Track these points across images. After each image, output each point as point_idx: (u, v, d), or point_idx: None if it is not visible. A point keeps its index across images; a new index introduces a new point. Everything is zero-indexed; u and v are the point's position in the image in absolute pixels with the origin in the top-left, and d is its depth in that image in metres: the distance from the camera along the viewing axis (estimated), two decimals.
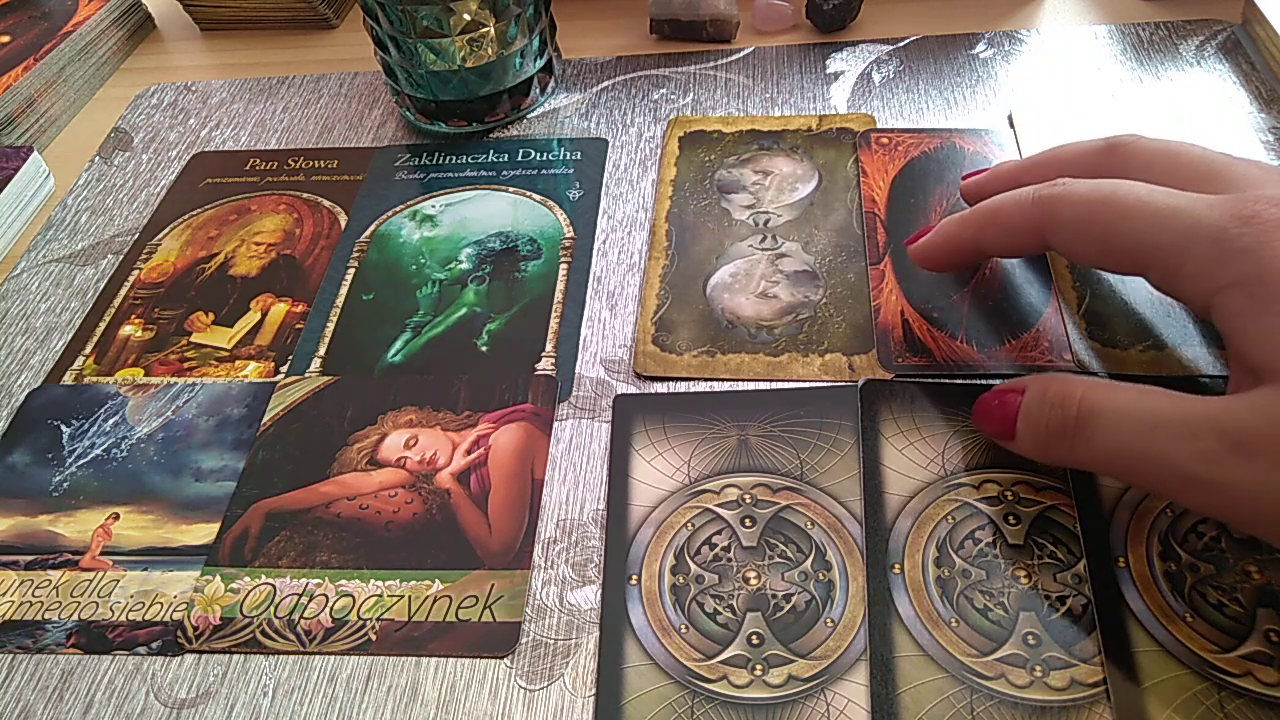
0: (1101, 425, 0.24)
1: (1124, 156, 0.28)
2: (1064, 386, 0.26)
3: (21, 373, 0.38)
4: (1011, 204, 0.28)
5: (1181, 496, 0.24)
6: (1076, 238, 0.27)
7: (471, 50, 0.41)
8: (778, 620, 0.27)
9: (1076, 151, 0.30)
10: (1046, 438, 0.26)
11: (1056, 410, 0.25)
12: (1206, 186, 0.25)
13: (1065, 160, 0.30)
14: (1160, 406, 0.23)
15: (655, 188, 0.41)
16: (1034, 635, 0.26)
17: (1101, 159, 0.29)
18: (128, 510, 0.32)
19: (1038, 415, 0.26)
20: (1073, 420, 0.25)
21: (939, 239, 0.31)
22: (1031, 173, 0.31)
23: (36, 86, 0.50)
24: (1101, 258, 0.27)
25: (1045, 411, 0.26)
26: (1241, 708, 0.24)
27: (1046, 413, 0.26)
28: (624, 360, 0.35)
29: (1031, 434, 0.26)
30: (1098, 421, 0.24)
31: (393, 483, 0.32)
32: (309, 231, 0.42)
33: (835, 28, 0.48)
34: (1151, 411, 0.23)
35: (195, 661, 0.29)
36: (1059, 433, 0.25)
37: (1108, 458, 0.24)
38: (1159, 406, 0.23)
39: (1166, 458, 0.23)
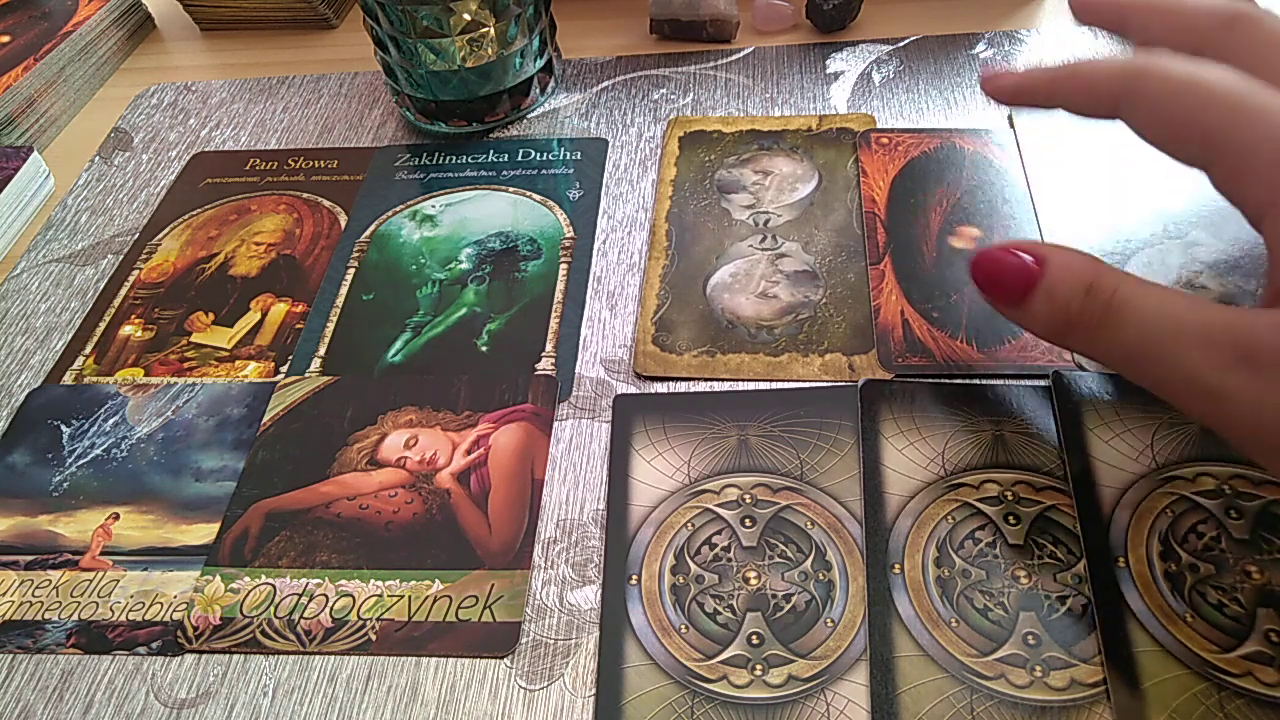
0: (1129, 320, 0.24)
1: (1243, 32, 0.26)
2: (1098, 274, 0.24)
3: (21, 373, 0.38)
4: (1101, 66, 0.27)
5: (1185, 402, 0.23)
6: (1152, 117, 0.25)
7: (471, 50, 0.41)
8: (778, 620, 0.27)
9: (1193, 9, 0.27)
10: (1067, 322, 0.25)
11: (1088, 298, 0.24)
12: None
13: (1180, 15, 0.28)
14: (1185, 309, 0.23)
15: (655, 188, 0.41)
16: (1034, 635, 0.26)
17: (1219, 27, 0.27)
18: (128, 510, 0.32)
19: (1066, 297, 0.25)
20: (1100, 311, 0.24)
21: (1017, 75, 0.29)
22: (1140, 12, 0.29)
23: (36, 86, 0.50)
24: (1170, 142, 0.25)
25: (1075, 296, 0.25)
26: (1241, 708, 0.24)
27: (1077, 298, 0.25)
28: (624, 360, 0.35)
29: (1050, 313, 0.25)
30: (1126, 316, 0.24)
31: (393, 483, 0.32)
32: (309, 231, 0.42)
33: (835, 28, 0.48)
34: (1177, 314, 0.23)
35: (195, 661, 0.29)
36: (1082, 321, 0.25)
37: (1124, 353, 0.24)
38: (1184, 309, 0.23)
39: (1182, 362, 0.23)
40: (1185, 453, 0.29)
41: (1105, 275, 0.25)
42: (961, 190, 0.38)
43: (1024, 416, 0.31)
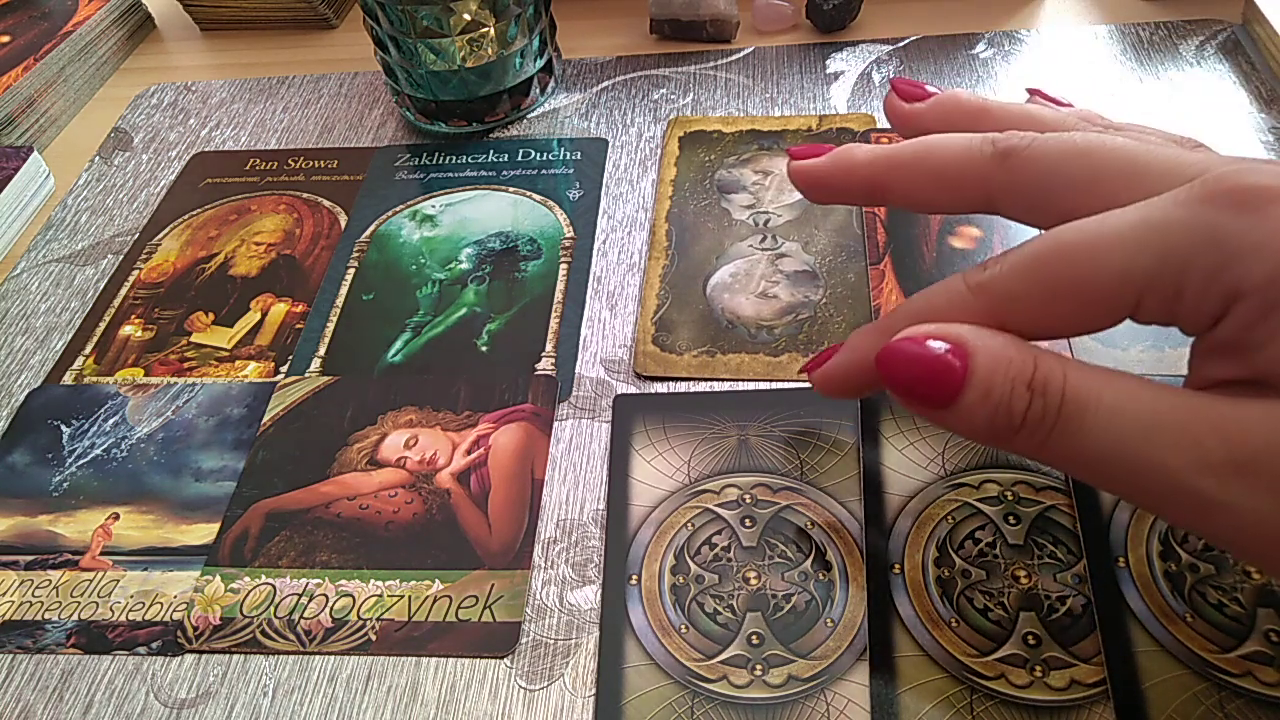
0: (1089, 423, 0.19)
1: (1021, 166, 0.23)
2: (1037, 363, 0.20)
3: (21, 373, 0.38)
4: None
5: (1171, 512, 0.20)
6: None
7: (471, 50, 0.41)
8: (778, 620, 0.27)
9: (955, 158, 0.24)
10: (1010, 426, 0.20)
11: (1034, 397, 0.20)
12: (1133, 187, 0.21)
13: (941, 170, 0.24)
14: (1157, 404, 0.19)
15: (655, 188, 0.41)
16: (1034, 635, 0.26)
17: (993, 171, 0.23)
18: (128, 510, 0.32)
19: (1003, 397, 0.20)
20: (1054, 412, 0.20)
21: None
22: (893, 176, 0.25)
23: (36, 86, 0.50)
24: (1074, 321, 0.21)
25: (1016, 394, 0.20)
26: (1241, 708, 0.24)
27: (1020, 397, 0.20)
28: (624, 360, 0.35)
29: (988, 417, 0.20)
30: (1085, 418, 0.19)
31: (393, 483, 0.32)
32: (309, 231, 0.42)
33: (835, 28, 0.48)
34: (1149, 411, 0.19)
35: (195, 661, 0.29)
36: (1034, 424, 0.20)
37: (1090, 460, 0.20)
38: (1156, 404, 0.19)
39: (1163, 468, 0.19)
40: None
41: (1046, 364, 0.20)
42: None
43: None
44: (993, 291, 0.21)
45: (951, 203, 0.24)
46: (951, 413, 0.21)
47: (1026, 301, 0.21)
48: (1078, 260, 0.20)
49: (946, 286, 0.22)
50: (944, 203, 0.24)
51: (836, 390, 0.25)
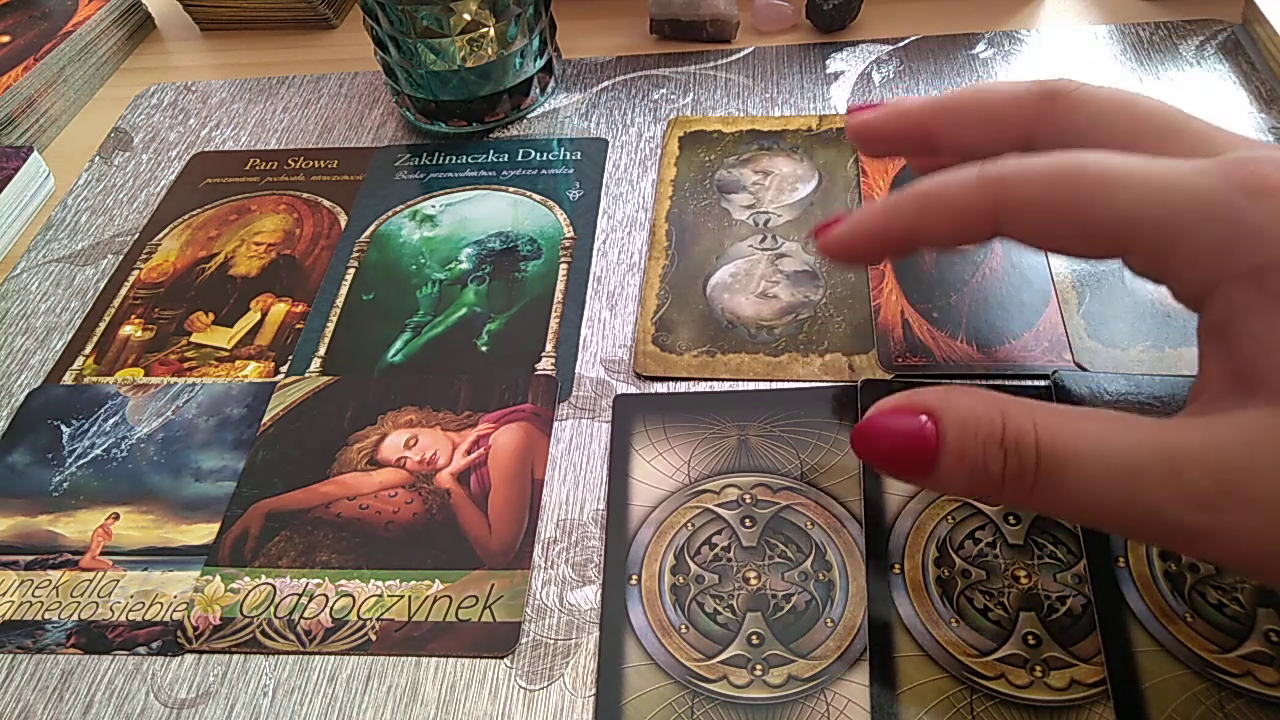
0: (1069, 475, 0.20)
1: (1068, 108, 0.23)
2: (1005, 416, 0.21)
3: (21, 373, 0.38)
4: (953, 187, 0.23)
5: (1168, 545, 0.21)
6: (1041, 220, 0.22)
7: (471, 50, 0.41)
8: (778, 620, 0.27)
9: (1003, 97, 0.24)
10: (989, 484, 0.21)
11: (1009, 455, 0.20)
12: (1166, 146, 0.21)
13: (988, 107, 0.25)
14: (1134, 445, 0.19)
15: (655, 188, 0.41)
16: (1034, 635, 0.26)
17: (1039, 110, 0.24)
18: (128, 510, 0.32)
19: (977, 458, 0.21)
20: (1032, 469, 0.20)
21: (857, 230, 0.25)
22: (942, 118, 0.25)
23: (36, 86, 0.50)
24: (1072, 242, 0.22)
25: (990, 455, 0.21)
26: (1242, 708, 0.24)
27: (995, 458, 0.20)
28: (624, 360, 0.35)
29: (967, 477, 0.21)
30: (1065, 471, 0.20)
31: (393, 483, 0.32)
32: (309, 231, 0.42)
33: (835, 28, 0.48)
34: (1127, 452, 0.19)
35: (195, 661, 0.29)
36: (1014, 480, 0.20)
37: (1078, 508, 0.20)
38: (1133, 446, 0.19)
39: (1147, 504, 0.19)
40: None
41: (1015, 416, 0.21)
42: None
43: None
44: (1002, 190, 0.22)
45: (995, 141, 0.24)
46: (933, 478, 0.22)
47: (1030, 210, 0.22)
48: (1092, 189, 0.21)
49: (958, 176, 0.23)
50: (988, 142, 0.24)
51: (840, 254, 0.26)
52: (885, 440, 0.22)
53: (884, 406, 0.22)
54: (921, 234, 0.24)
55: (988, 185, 0.22)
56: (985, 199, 0.22)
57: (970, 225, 0.23)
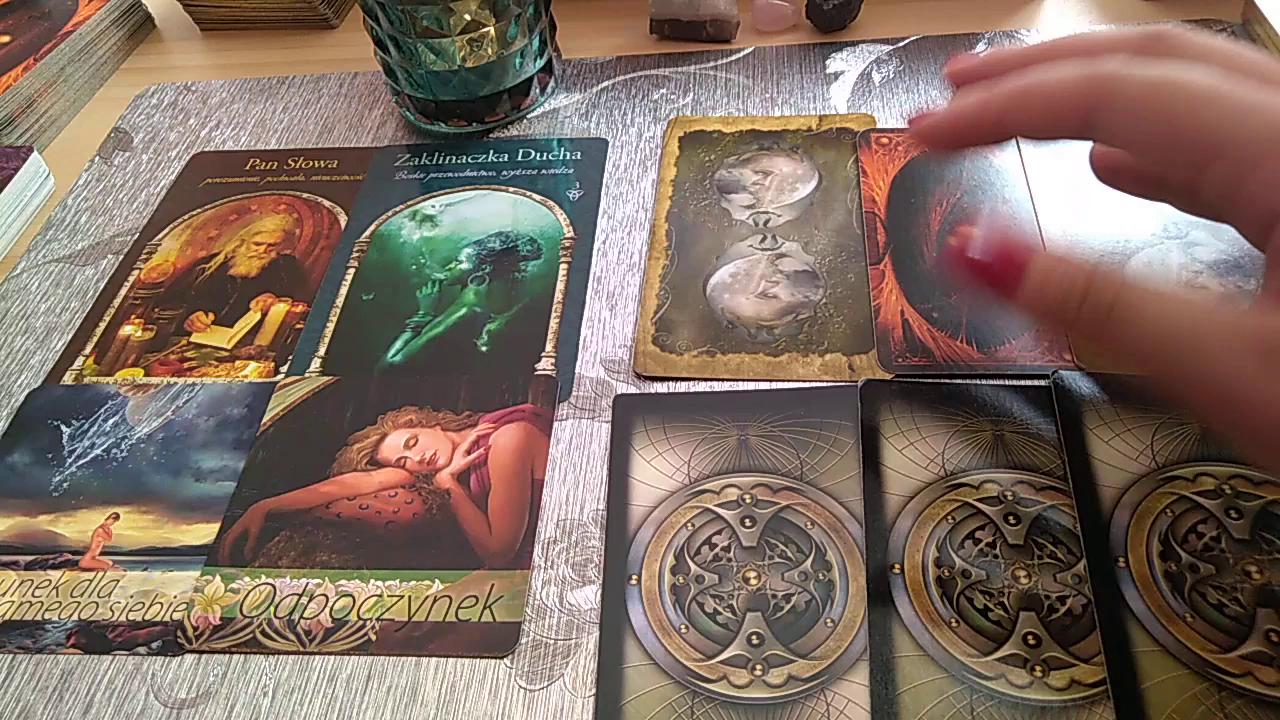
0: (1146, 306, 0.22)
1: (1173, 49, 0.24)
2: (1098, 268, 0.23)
3: (21, 373, 0.38)
4: (1054, 82, 0.24)
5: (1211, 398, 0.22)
6: (1134, 122, 0.23)
7: (471, 50, 0.41)
8: (778, 620, 0.27)
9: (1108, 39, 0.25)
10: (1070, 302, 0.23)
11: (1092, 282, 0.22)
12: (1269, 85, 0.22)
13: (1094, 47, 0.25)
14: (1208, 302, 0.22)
15: (655, 188, 0.41)
16: (1034, 635, 0.26)
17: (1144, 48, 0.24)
18: (128, 510, 0.32)
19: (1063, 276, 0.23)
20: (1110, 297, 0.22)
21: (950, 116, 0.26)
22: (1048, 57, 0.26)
23: (36, 86, 0.50)
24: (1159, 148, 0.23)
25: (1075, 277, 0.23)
26: (1242, 708, 0.24)
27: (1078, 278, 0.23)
28: (624, 360, 0.35)
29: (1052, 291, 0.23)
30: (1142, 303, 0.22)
31: (393, 483, 0.32)
32: (309, 231, 0.42)
33: (835, 28, 0.48)
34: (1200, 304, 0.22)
35: (195, 661, 0.29)
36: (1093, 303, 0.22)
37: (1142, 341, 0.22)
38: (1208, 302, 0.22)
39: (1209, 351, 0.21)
40: (1185, 453, 0.29)
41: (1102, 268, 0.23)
42: (961, 190, 0.38)
43: (1024, 416, 0.31)
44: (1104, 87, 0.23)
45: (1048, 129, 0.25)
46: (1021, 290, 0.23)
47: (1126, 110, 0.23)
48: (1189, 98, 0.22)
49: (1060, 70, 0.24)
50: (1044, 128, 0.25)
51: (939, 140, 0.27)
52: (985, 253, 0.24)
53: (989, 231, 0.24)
54: (1013, 122, 0.25)
55: (1091, 81, 0.23)
56: (1086, 94, 0.23)
57: (1064, 118, 0.24)
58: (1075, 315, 0.23)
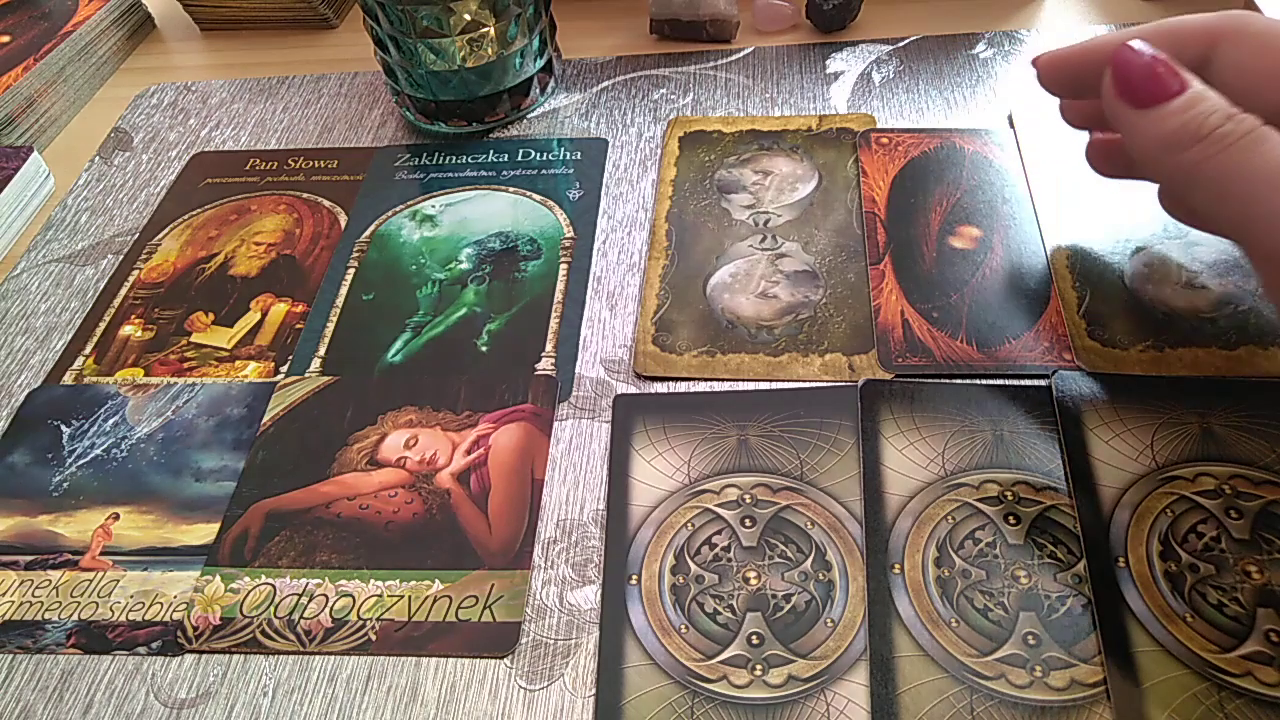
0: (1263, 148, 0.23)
1: None
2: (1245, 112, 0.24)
3: (21, 373, 0.38)
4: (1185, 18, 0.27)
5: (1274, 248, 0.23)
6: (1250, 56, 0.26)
7: (471, 50, 0.41)
8: (778, 620, 0.27)
9: None
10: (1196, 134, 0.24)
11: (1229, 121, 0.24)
12: None
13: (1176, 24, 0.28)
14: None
15: (655, 188, 0.41)
16: (1034, 635, 0.26)
17: None
18: (128, 510, 0.32)
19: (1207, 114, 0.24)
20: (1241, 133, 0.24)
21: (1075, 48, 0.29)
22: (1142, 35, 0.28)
23: (36, 86, 0.50)
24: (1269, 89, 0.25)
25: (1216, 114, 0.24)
26: (1241, 708, 0.24)
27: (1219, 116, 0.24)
28: (624, 360, 0.35)
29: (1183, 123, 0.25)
30: (1263, 144, 0.23)
31: (393, 483, 0.32)
32: (309, 231, 0.42)
33: (835, 28, 0.48)
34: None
35: (195, 661, 0.29)
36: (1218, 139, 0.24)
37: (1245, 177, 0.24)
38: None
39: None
40: (1185, 453, 0.29)
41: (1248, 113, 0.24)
42: (962, 190, 0.38)
43: (1024, 416, 0.31)
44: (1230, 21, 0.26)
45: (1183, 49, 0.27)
46: (1153, 112, 0.25)
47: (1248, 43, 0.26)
48: None
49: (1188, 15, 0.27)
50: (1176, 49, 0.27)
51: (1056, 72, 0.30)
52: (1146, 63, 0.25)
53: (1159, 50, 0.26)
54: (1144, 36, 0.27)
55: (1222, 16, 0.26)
56: (1216, 25, 0.26)
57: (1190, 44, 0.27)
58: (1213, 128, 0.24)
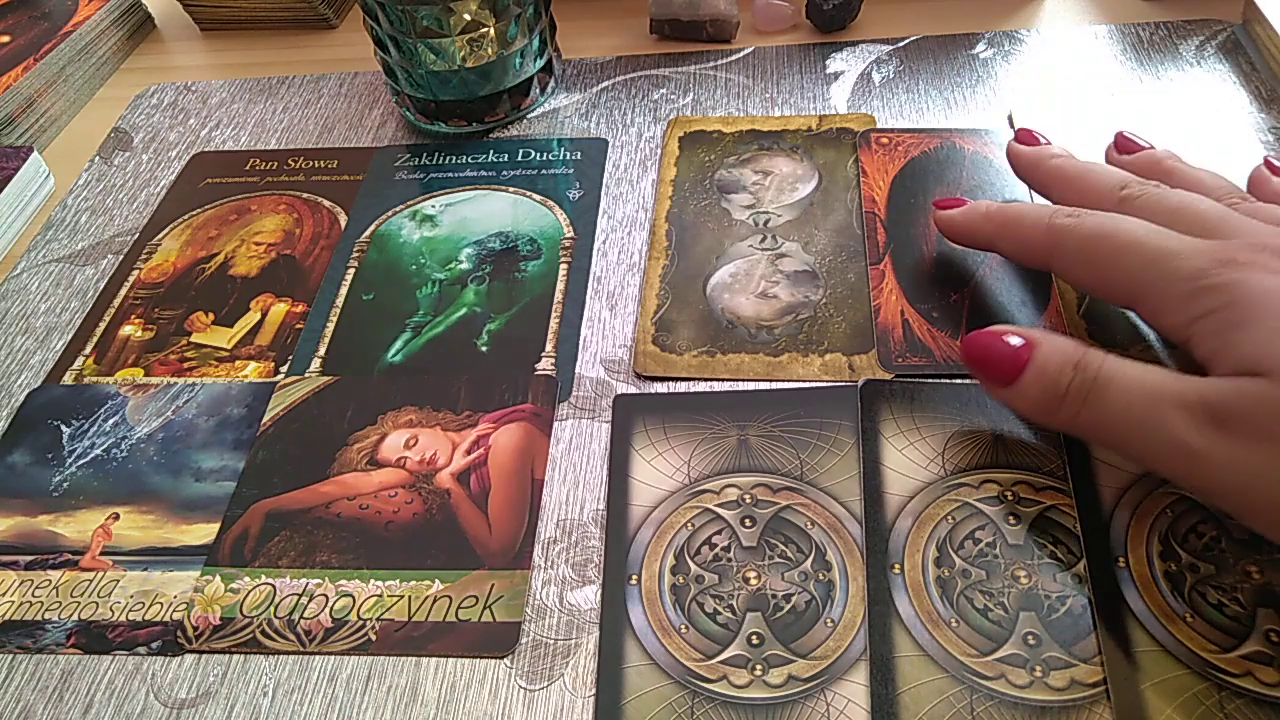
0: (1114, 392, 0.25)
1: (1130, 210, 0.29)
2: (1084, 352, 0.26)
3: (21, 373, 0.38)
4: (1030, 222, 0.30)
5: (1170, 465, 0.25)
6: (1076, 270, 0.29)
7: (471, 50, 0.41)
8: (778, 620, 0.27)
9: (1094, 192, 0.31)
10: (1058, 397, 0.26)
11: (1076, 373, 0.26)
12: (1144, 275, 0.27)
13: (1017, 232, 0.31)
14: (1161, 378, 0.25)
15: (655, 187, 0.41)
16: (1034, 635, 0.26)
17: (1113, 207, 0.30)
18: (128, 510, 0.32)
19: (1056, 375, 0.26)
20: (1089, 385, 0.26)
21: (962, 220, 0.33)
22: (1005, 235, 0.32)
23: (36, 86, 0.50)
24: (1097, 290, 0.29)
25: (1065, 373, 0.26)
26: (1242, 708, 0.24)
27: (1067, 375, 0.26)
28: (624, 360, 0.35)
29: (1041, 391, 0.27)
30: (1111, 389, 0.25)
31: (393, 483, 0.32)
32: (309, 231, 0.42)
33: (835, 28, 0.48)
34: (1155, 381, 0.25)
35: (195, 661, 0.29)
36: (1075, 396, 0.26)
37: (1111, 422, 0.26)
38: (1160, 378, 0.25)
39: (1164, 427, 0.24)
40: None
41: (1091, 352, 0.26)
42: (961, 190, 0.38)
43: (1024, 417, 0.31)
44: (1056, 240, 0.29)
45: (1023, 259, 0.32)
46: (1015, 389, 0.27)
47: (1071, 262, 0.29)
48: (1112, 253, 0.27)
49: (1037, 216, 0.30)
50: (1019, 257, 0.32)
51: (944, 231, 0.34)
52: (988, 352, 0.28)
53: (998, 329, 0.28)
54: (997, 246, 0.32)
55: (1050, 232, 0.29)
56: (1044, 243, 0.30)
57: (1030, 256, 0.31)
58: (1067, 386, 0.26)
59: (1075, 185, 0.32)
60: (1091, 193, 0.31)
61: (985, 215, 0.32)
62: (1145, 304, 0.27)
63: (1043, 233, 0.30)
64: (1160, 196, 0.29)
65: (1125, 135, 0.35)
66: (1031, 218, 0.30)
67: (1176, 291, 0.26)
